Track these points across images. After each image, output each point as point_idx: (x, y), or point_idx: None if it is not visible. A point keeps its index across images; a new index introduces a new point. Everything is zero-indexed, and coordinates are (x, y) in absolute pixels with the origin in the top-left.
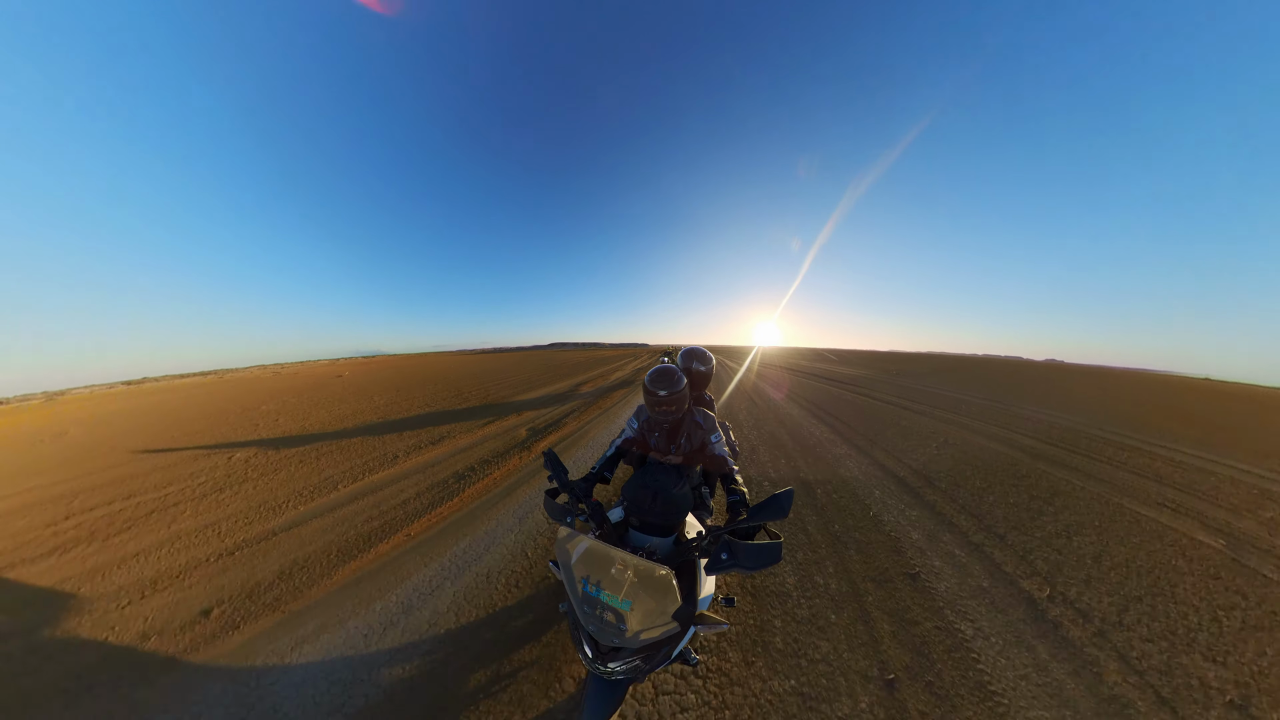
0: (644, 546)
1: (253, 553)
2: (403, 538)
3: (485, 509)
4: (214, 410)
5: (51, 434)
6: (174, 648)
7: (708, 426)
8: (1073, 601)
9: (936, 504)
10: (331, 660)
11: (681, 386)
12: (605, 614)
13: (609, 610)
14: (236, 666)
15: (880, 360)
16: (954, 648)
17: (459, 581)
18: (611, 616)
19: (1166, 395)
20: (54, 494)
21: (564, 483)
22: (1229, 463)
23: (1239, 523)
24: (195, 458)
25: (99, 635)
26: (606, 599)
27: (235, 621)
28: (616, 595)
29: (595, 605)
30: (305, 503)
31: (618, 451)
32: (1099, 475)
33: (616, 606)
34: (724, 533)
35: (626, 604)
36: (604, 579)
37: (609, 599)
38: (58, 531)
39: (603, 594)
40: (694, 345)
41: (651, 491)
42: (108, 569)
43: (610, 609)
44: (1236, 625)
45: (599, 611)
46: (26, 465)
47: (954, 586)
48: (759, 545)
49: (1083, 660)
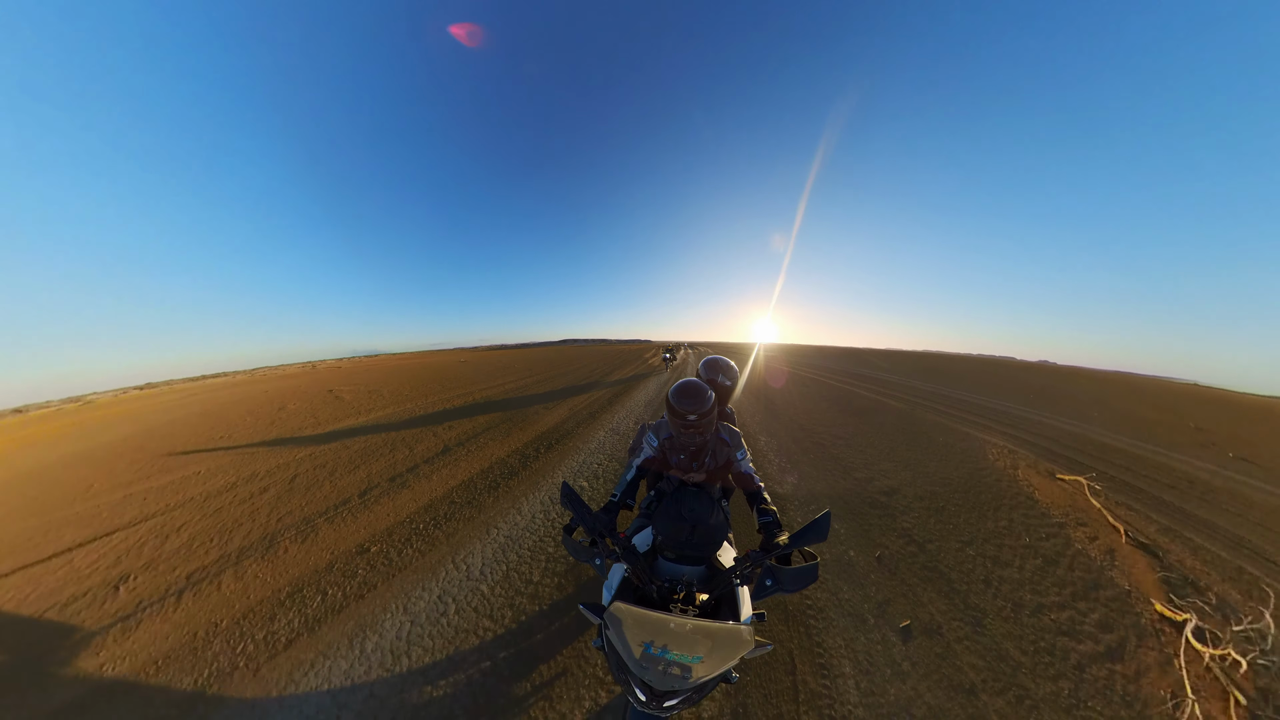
0: (680, 577)
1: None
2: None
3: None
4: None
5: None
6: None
7: (734, 443)
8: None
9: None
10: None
11: (711, 405)
12: (671, 669)
13: (675, 664)
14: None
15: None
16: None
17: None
18: (677, 670)
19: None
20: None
21: (587, 522)
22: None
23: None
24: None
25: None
26: (675, 657)
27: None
28: (686, 653)
29: (659, 663)
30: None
31: (639, 473)
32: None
33: (686, 662)
34: (765, 559)
35: (697, 659)
36: (669, 640)
37: (678, 657)
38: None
39: (670, 654)
40: (715, 355)
41: (690, 524)
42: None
43: (677, 664)
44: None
45: (662, 667)
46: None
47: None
48: (799, 569)
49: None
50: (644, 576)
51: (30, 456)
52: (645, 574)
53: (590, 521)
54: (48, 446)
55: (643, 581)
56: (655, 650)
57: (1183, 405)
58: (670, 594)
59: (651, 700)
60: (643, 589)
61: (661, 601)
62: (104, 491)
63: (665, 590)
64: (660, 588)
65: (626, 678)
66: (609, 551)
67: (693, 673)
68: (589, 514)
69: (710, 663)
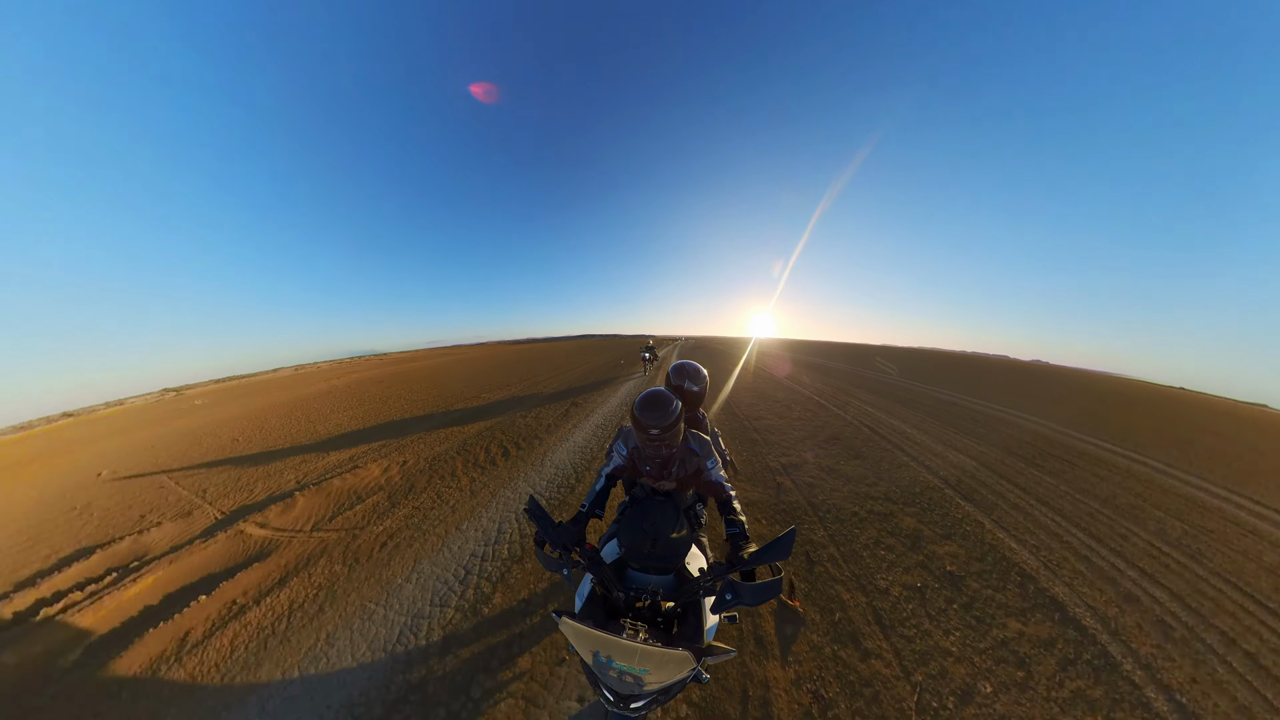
0: (646, 586)
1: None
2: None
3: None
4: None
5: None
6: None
7: (703, 453)
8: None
9: None
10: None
11: (676, 416)
12: (624, 676)
13: (627, 674)
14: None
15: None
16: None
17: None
18: (629, 678)
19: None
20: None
21: (550, 535)
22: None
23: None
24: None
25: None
26: (623, 668)
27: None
28: (634, 665)
29: (611, 670)
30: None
31: (607, 482)
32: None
33: (635, 673)
34: (727, 573)
35: (645, 670)
36: (615, 653)
37: (625, 668)
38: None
39: (618, 664)
40: (683, 360)
41: (651, 538)
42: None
43: (628, 673)
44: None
45: (615, 675)
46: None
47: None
48: (760, 585)
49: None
50: (610, 586)
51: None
52: (611, 583)
53: (554, 535)
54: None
55: (609, 591)
56: (603, 659)
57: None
58: (635, 603)
59: (619, 701)
60: (610, 598)
61: (628, 609)
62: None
63: (631, 600)
64: (626, 597)
65: (595, 681)
66: (576, 562)
67: (644, 682)
68: (553, 526)
69: (658, 675)
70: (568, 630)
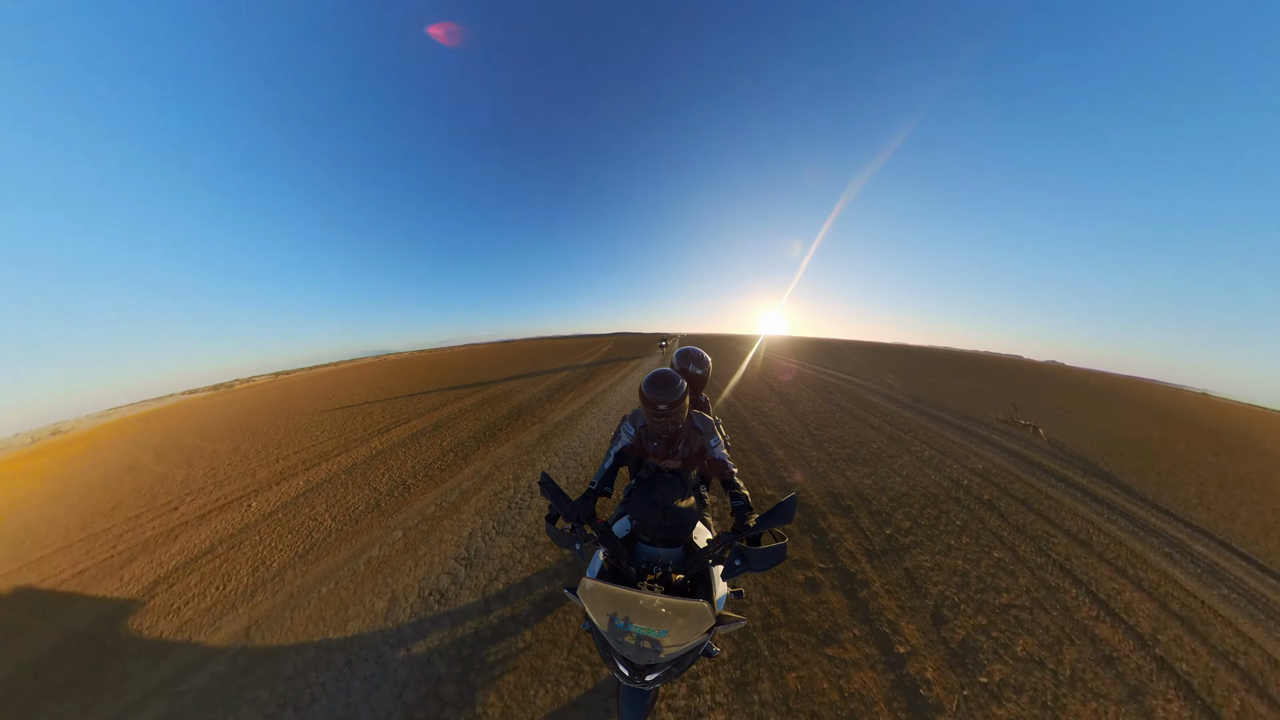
0: (656, 559)
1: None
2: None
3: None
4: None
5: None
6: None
7: (707, 431)
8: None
9: None
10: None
11: (682, 394)
12: (642, 642)
13: (645, 639)
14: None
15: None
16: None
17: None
18: (647, 643)
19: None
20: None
21: (564, 510)
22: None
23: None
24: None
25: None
26: (642, 631)
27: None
28: (652, 627)
29: (629, 634)
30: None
31: (616, 460)
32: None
33: (654, 636)
34: (735, 540)
35: (664, 632)
36: (633, 614)
37: (644, 630)
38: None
39: (636, 627)
40: (688, 345)
41: (660, 509)
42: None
43: (646, 637)
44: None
45: (633, 640)
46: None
47: None
48: (767, 549)
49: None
50: (621, 559)
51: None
52: (623, 556)
53: (568, 509)
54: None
55: (620, 564)
56: (621, 623)
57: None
58: (646, 575)
59: (634, 674)
60: (621, 571)
61: (638, 582)
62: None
63: (643, 572)
64: (638, 569)
65: (609, 654)
66: (587, 537)
67: (662, 646)
68: (567, 502)
69: (677, 636)
70: (586, 594)
